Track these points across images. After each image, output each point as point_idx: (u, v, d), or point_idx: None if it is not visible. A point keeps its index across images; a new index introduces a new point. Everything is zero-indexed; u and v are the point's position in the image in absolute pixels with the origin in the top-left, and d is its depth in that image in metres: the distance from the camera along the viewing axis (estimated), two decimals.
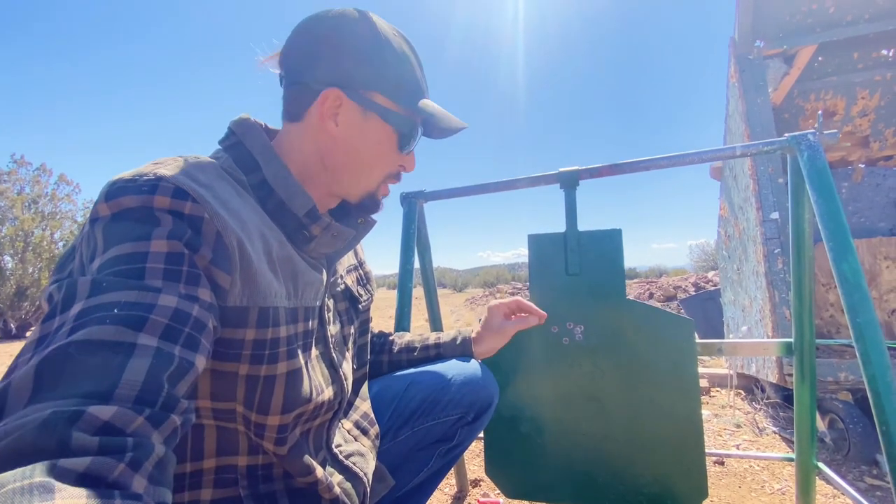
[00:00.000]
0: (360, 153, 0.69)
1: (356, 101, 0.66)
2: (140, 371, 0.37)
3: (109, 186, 0.49)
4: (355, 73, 0.65)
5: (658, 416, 1.16)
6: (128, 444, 0.33)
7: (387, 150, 0.70)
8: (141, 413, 0.36)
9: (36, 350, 0.38)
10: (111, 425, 0.33)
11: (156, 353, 0.40)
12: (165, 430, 0.38)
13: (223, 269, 0.51)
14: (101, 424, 0.33)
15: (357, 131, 0.67)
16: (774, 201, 2.21)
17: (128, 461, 0.32)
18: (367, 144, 0.68)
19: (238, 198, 0.58)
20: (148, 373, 0.38)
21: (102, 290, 0.41)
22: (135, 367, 0.37)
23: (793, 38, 2.44)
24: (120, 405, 0.35)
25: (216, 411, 0.57)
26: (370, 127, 0.67)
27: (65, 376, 0.35)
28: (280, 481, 0.64)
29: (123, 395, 0.36)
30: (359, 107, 0.66)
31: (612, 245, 1.23)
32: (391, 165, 0.73)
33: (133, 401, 0.36)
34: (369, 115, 0.67)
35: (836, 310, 2.51)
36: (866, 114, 2.84)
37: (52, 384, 0.34)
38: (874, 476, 1.70)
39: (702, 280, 9.89)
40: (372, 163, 0.70)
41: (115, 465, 0.31)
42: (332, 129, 0.66)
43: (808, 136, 1.08)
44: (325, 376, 0.69)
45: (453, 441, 0.95)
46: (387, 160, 0.71)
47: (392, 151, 0.71)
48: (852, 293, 0.91)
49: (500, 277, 36.33)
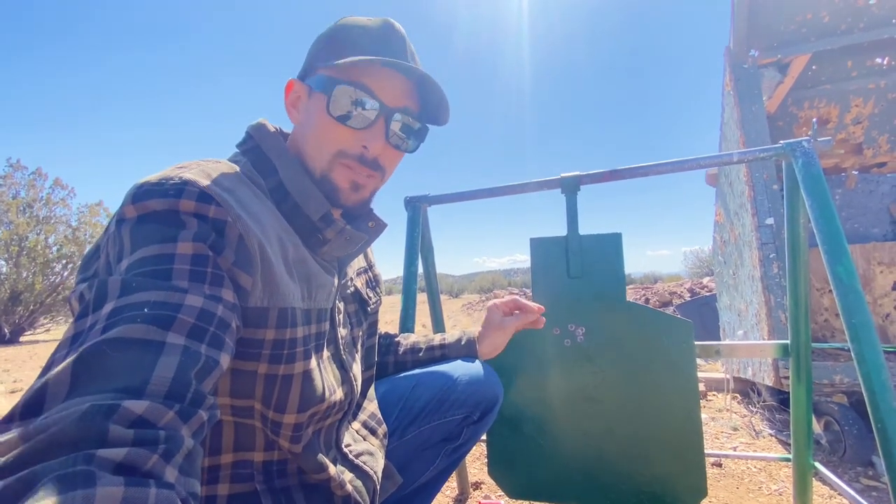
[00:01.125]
0: (307, 129, 0.67)
1: (306, 84, 0.68)
2: (170, 368, 0.39)
3: (136, 189, 0.50)
4: (311, 59, 0.69)
5: (658, 416, 1.18)
6: (160, 437, 0.35)
7: (324, 120, 0.65)
8: (171, 408, 0.37)
9: (71, 347, 0.39)
10: (144, 419, 0.35)
11: (184, 352, 0.41)
12: (193, 424, 0.39)
13: (245, 271, 0.53)
14: (135, 418, 0.34)
15: (305, 110, 0.68)
16: (769, 207, 2.25)
17: (161, 453, 0.34)
18: (310, 119, 0.67)
19: (257, 201, 0.60)
20: (177, 370, 0.39)
21: (132, 290, 0.43)
22: (165, 365, 0.39)
23: (787, 47, 2.49)
24: (152, 400, 0.36)
25: (235, 408, 0.59)
26: (312, 101, 0.67)
27: (100, 372, 0.36)
28: (295, 476, 0.66)
29: (155, 390, 0.37)
30: (307, 87, 0.68)
31: (613, 248, 1.26)
32: (340, 140, 0.65)
33: (164, 396, 0.38)
34: (313, 92, 0.67)
35: (831, 314, 2.55)
36: (860, 121, 2.89)
37: (89, 380, 0.36)
38: (870, 477, 1.73)
39: (697, 286, 9.95)
40: (316, 136, 0.66)
41: (150, 456, 0.33)
42: (296, 118, 0.70)
43: (802, 143, 1.11)
44: (336, 377, 0.71)
45: (459, 440, 0.96)
46: (329, 132, 0.65)
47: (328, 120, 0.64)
48: (847, 294, 0.94)
49: (496, 283, 36.32)
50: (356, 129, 0.65)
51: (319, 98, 0.65)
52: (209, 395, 0.42)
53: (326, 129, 0.65)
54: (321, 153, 0.66)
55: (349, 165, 0.66)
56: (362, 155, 0.66)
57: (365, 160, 0.66)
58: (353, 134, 0.65)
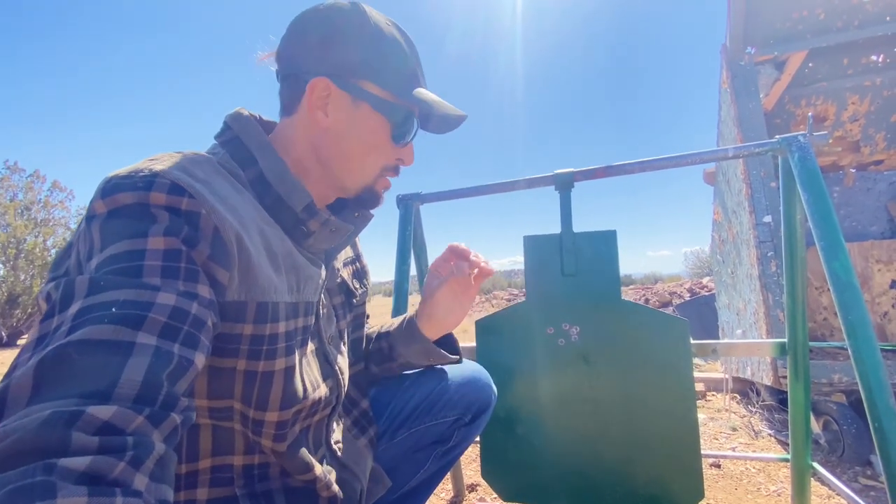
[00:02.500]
0: (351, 144, 0.66)
1: (345, 90, 0.64)
2: (139, 370, 0.37)
3: (105, 183, 0.48)
4: (344, 61, 0.64)
5: (654, 416, 1.16)
6: (128, 443, 0.33)
7: (380, 140, 0.67)
8: (141, 412, 0.36)
9: (35, 350, 0.38)
10: (111, 425, 0.33)
11: (155, 352, 0.39)
12: (166, 428, 0.38)
13: (221, 265, 0.51)
14: (100, 424, 0.33)
15: (347, 121, 0.65)
16: (767, 205, 2.24)
17: (128, 460, 0.32)
18: (359, 134, 0.66)
19: (236, 193, 0.58)
20: (147, 372, 0.38)
21: (100, 288, 0.41)
22: (134, 367, 0.37)
23: (784, 44, 2.48)
24: (119, 405, 0.35)
25: (213, 410, 0.57)
26: (361, 116, 0.65)
27: (64, 376, 0.35)
28: (277, 480, 0.64)
29: (123, 394, 0.36)
30: (348, 95, 0.64)
31: (607, 246, 1.24)
32: (386, 157, 0.70)
33: (133, 400, 0.36)
34: (360, 104, 0.65)
35: (830, 313, 2.53)
36: (857, 119, 2.88)
37: (52, 384, 0.34)
38: (868, 476, 1.71)
39: (697, 286, 9.94)
40: (365, 154, 0.68)
41: (116, 464, 0.31)
42: (323, 121, 0.65)
43: (798, 137, 1.09)
44: (320, 372, 0.69)
45: (451, 442, 0.95)
46: (380, 151, 0.69)
47: (385, 142, 0.68)
48: (843, 291, 0.92)
49: (497, 284, 36.34)
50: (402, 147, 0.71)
51: (376, 118, 0.66)
52: (183, 397, 0.41)
53: (381, 150, 0.69)
54: (370, 169, 0.70)
55: (388, 175, 0.72)
56: (397, 165, 0.73)
57: (397, 169, 0.73)
58: (394, 149, 0.70)
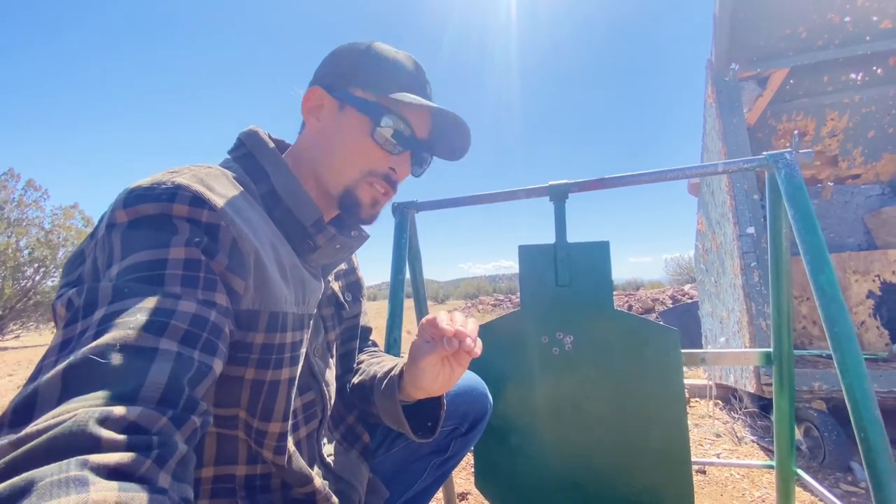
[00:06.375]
0: (334, 142, 0.69)
1: (336, 97, 0.69)
2: (162, 374, 0.39)
3: (127, 194, 0.50)
4: (341, 74, 0.70)
5: (645, 424, 1.18)
6: (153, 443, 0.34)
7: (361, 138, 0.68)
8: (164, 414, 0.37)
9: (60, 354, 0.39)
10: (137, 425, 0.35)
11: (176, 358, 0.41)
12: (186, 430, 0.39)
13: (238, 275, 0.53)
14: (128, 424, 0.34)
15: (334, 123, 0.69)
16: (750, 217, 2.30)
17: (154, 458, 0.34)
18: (342, 134, 0.69)
19: (249, 207, 0.59)
20: (170, 376, 0.39)
21: (124, 296, 0.43)
22: (157, 371, 0.39)
23: (766, 61, 2.56)
24: (145, 406, 0.36)
25: (218, 418, 0.58)
26: (345, 116, 0.69)
27: (92, 379, 0.36)
28: (278, 492, 0.64)
29: (148, 396, 0.37)
30: (338, 101, 0.69)
31: (601, 257, 1.26)
32: (370, 161, 0.69)
33: (157, 402, 0.37)
34: (347, 107, 0.69)
35: (809, 321, 2.60)
36: (835, 134, 2.98)
37: (80, 386, 0.35)
38: (849, 482, 1.76)
39: (679, 293, 10.11)
40: (346, 152, 0.69)
41: (143, 462, 0.33)
42: (315, 126, 0.70)
43: (785, 154, 1.13)
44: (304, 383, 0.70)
45: (447, 453, 0.95)
46: (363, 152, 0.69)
47: (366, 141, 0.68)
48: (829, 304, 0.95)
49: (482, 289, 36.44)
50: (391, 154, 0.70)
51: (359, 119, 0.68)
52: (202, 402, 0.42)
53: (363, 149, 0.69)
54: (350, 168, 0.69)
55: (373, 183, 0.70)
56: (388, 175, 0.71)
57: (389, 179, 0.71)
58: (385, 156, 0.70)
